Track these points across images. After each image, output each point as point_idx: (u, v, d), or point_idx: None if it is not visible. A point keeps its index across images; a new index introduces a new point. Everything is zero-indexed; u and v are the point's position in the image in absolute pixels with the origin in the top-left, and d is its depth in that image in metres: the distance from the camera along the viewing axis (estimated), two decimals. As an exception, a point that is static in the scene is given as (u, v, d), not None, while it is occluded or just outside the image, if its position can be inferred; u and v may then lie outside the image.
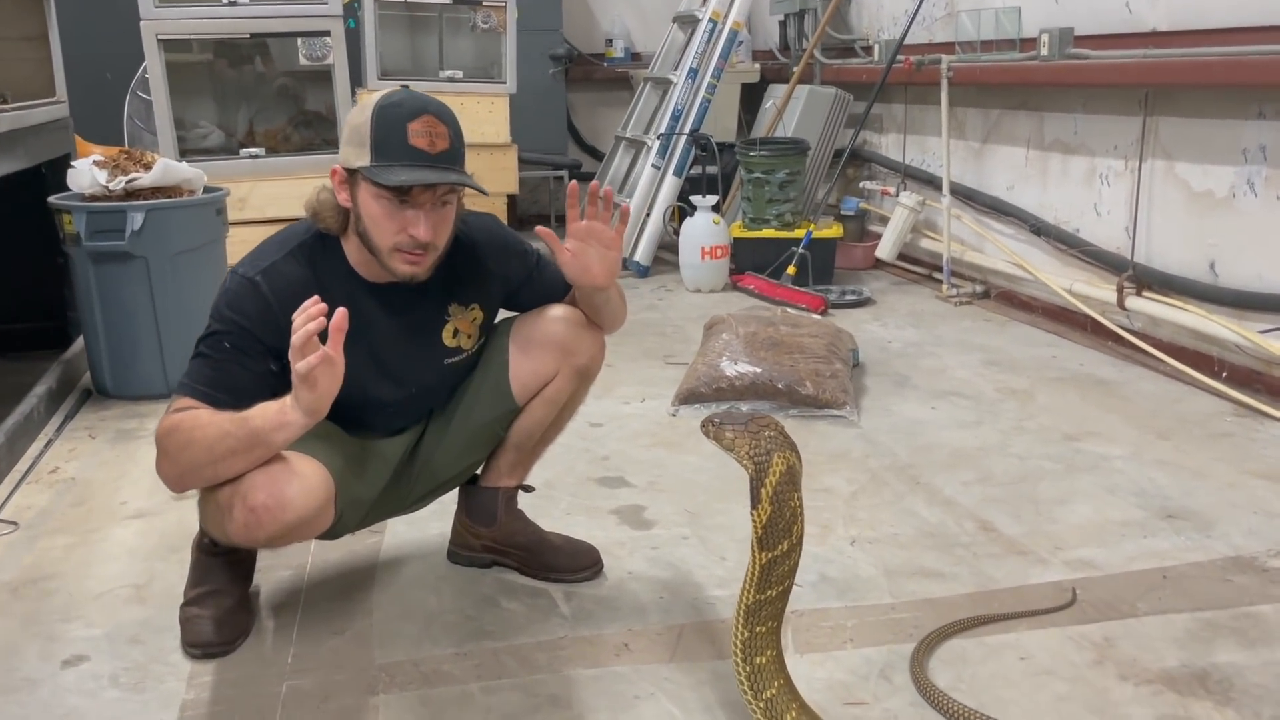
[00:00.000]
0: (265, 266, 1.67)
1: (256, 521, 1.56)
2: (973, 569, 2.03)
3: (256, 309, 1.63)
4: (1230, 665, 1.69)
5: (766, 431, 1.38)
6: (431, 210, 1.63)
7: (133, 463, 2.65)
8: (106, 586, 2.01)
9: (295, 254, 1.70)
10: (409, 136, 1.58)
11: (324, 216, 1.69)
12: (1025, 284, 4.04)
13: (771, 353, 2.99)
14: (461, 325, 1.84)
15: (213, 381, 1.62)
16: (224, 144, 4.66)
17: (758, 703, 1.42)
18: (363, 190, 1.62)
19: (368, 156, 1.59)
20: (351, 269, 1.73)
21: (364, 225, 1.65)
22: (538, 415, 1.94)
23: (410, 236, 1.62)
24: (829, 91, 4.89)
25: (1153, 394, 3.07)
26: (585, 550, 2.04)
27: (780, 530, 1.37)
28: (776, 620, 1.43)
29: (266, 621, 1.87)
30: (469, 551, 2.06)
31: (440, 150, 1.61)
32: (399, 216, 1.62)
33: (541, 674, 1.70)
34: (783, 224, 4.54)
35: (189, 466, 1.58)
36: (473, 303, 1.85)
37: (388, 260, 1.66)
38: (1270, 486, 2.39)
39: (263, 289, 1.64)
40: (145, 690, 1.67)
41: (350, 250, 1.72)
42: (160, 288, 3.08)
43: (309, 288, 1.64)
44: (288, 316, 1.59)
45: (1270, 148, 2.92)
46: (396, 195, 1.60)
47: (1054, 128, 3.84)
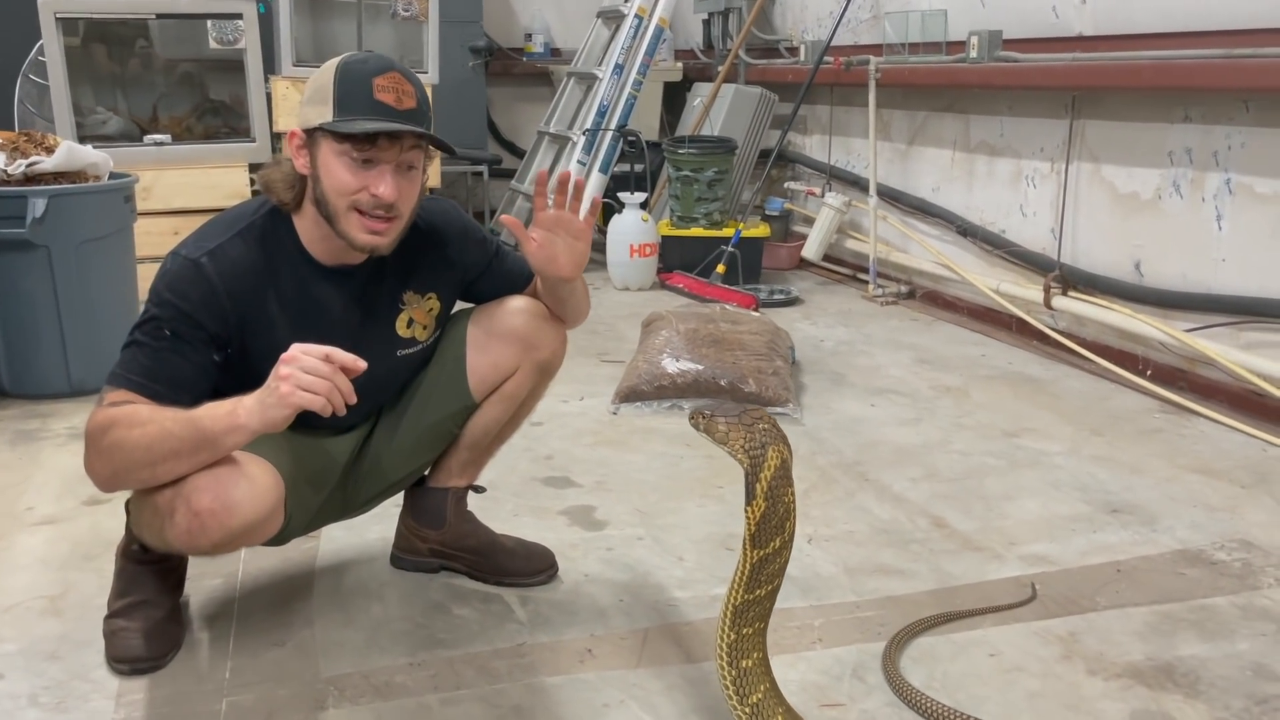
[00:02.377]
0: (211, 248, 1.54)
1: (201, 527, 1.44)
2: (931, 566, 2.01)
3: (200, 294, 1.51)
4: (1194, 658, 1.70)
5: (760, 424, 1.32)
6: (395, 172, 1.52)
7: (36, 466, 2.47)
8: (16, 599, 1.85)
9: (244, 235, 1.57)
10: (374, 91, 1.49)
11: (277, 189, 1.57)
12: (951, 284, 4.08)
13: (713, 350, 2.94)
14: (417, 315, 1.74)
15: (150, 372, 1.49)
16: (125, 131, 4.42)
17: (743, 708, 1.36)
18: (323, 149, 1.51)
19: (330, 112, 1.49)
20: (304, 250, 1.61)
21: (322, 188, 1.52)
22: (494, 413, 1.85)
23: (372, 196, 1.51)
24: (755, 91, 4.88)
25: (1081, 391, 3.12)
26: (539, 553, 1.95)
27: (774, 526, 1.32)
28: (764, 622, 1.37)
29: (199, 634, 1.74)
30: (415, 556, 1.95)
31: (407, 107, 1.51)
32: (359, 175, 1.51)
33: (503, 683, 1.61)
34: (711, 223, 4.51)
35: (124, 466, 1.45)
36: (429, 292, 1.75)
37: (345, 226, 1.53)
38: (1205, 481, 2.43)
39: (207, 271, 1.52)
40: (69, 710, 1.53)
41: (305, 227, 1.60)
42: (64, 279, 2.88)
43: (258, 271, 1.55)
44: (234, 302, 1.54)
45: (1196, 151, 2.99)
46: (359, 151, 1.49)
47: (980, 130, 3.89)
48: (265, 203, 1.61)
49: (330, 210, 1.53)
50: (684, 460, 2.55)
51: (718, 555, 2.05)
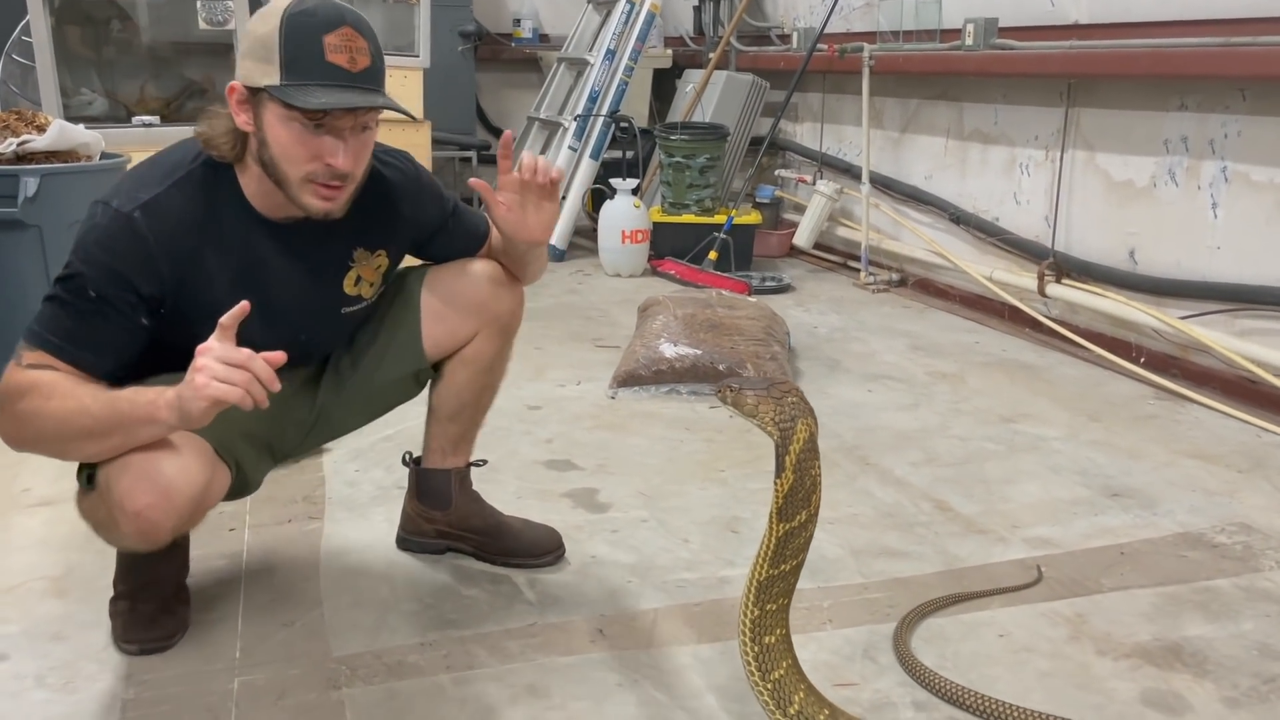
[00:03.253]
0: (146, 200, 1.41)
1: (150, 524, 1.38)
2: (936, 548, 2.02)
3: (133, 252, 1.39)
4: (1200, 638, 1.71)
5: (789, 397, 1.32)
6: (351, 136, 1.41)
7: (31, 447, 2.44)
8: (18, 579, 1.83)
9: (181, 185, 1.44)
10: (326, 51, 1.36)
11: (217, 143, 1.45)
12: (943, 271, 4.09)
13: (711, 335, 2.94)
14: (365, 273, 1.64)
15: (71, 335, 1.38)
16: (111, 112, 4.36)
17: (765, 684, 1.36)
18: (270, 112, 1.39)
19: (277, 74, 1.36)
20: (247, 203, 1.49)
21: (270, 153, 1.41)
22: (461, 379, 1.79)
23: (327, 166, 1.41)
24: (746, 78, 4.87)
25: (1076, 378, 3.14)
26: (546, 534, 1.93)
27: (800, 500, 1.32)
28: (787, 598, 1.37)
29: (205, 614, 1.72)
30: (421, 538, 1.93)
31: (362, 68, 1.39)
32: (313, 143, 1.40)
33: (515, 663, 1.60)
34: (702, 209, 4.50)
35: (34, 435, 1.36)
36: (380, 248, 1.65)
37: (298, 193, 1.43)
38: (1202, 466, 2.45)
39: (141, 227, 1.39)
40: (77, 690, 1.51)
41: (248, 181, 1.48)
42: (56, 259, 2.81)
43: (197, 225, 1.44)
44: (170, 261, 1.42)
45: (1191, 139, 3.01)
46: (310, 119, 1.38)
47: (974, 118, 3.90)
48: (200, 150, 1.48)
49: (280, 177, 1.43)
50: (684, 444, 2.54)
51: (723, 537, 2.05)
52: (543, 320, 3.68)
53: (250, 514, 2.09)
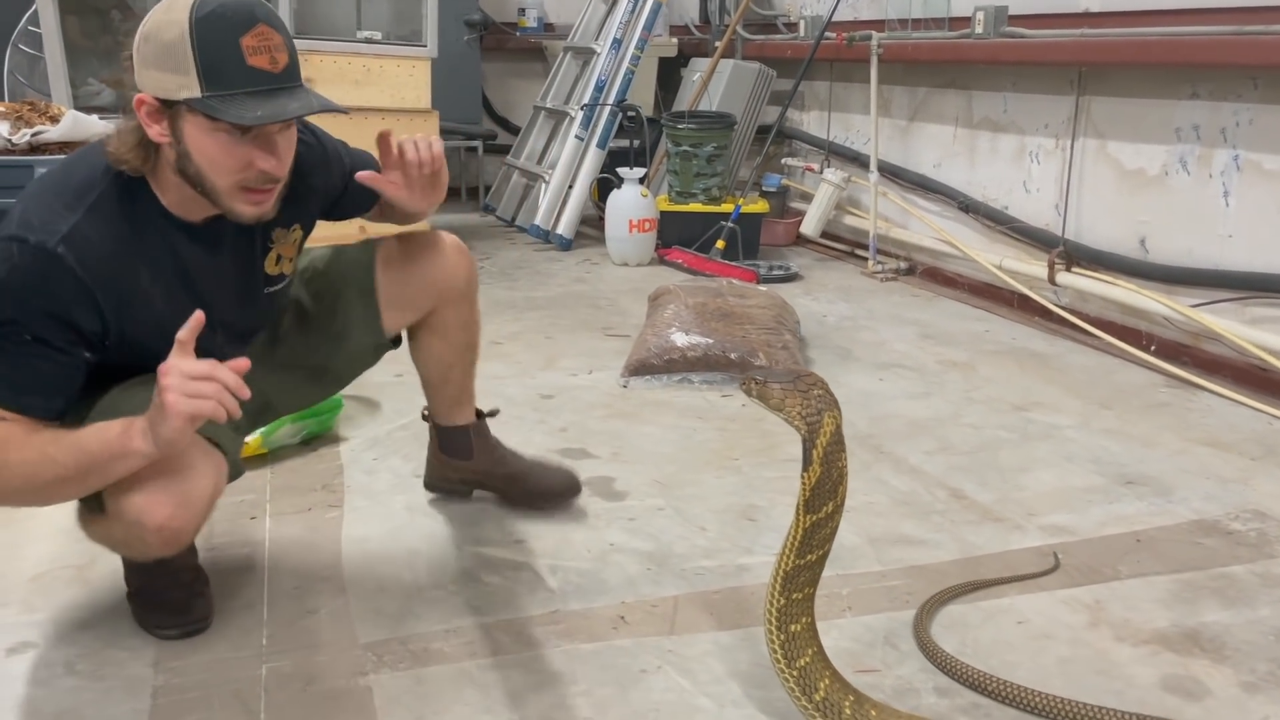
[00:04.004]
0: (65, 232, 1.34)
1: (174, 533, 1.39)
2: (953, 536, 2.03)
3: (64, 289, 1.34)
4: (1218, 624, 1.72)
5: (815, 390, 1.33)
6: (279, 137, 1.39)
7: (49, 437, 2.45)
8: (42, 568, 1.84)
9: (98, 207, 1.38)
10: (246, 56, 1.31)
11: (130, 160, 1.39)
12: (951, 260, 4.10)
13: (722, 324, 2.95)
14: (284, 250, 1.64)
15: (16, 384, 1.34)
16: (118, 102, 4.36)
17: (790, 671, 1.37)
18: (191, 125, 1.33)
19: (196, 85, 1.30)
20: (166, 211, 1.44)
21: (195, 166, 1.36)
22: (439, 348, 1.89)
23: (261, 172, 1.38)
24: (753, 66, 4.87)
25: (1086, 366, 3.15)
26: (565, 477, 2.07)
27: (826, 492, 1.33)
28: (813, 587, 1.38)
29: (230, 601, 1.73)
30: (447, 484, 2.06)
31: (284, 66, 1.35)
32: (241, 151, 1.36)
33: (539, 650, 1.61)
34: (709, 198, 4.50)
35: (3, 490, 1.34)
36: (294, 223, 1.64)
37: (229, 202, 1.40)
38: (1215, 454, 2.46)
39: (68, 262, 1.33)
40: (106, 677, 1.53)
41: (164, 191, 1.43)
42: None
43: (123, 248, 1.39)
44: (104, 290, 1.36)
45: (1203, 127, 3.01)
46: (238, 128, 1.34)
47: (983, 106, 3.90)
48: (108, 165, 1.41)
49: (208, 188, 1.39)
50: (697, 433, 2.55)
51: (740, 526, 2.06)
52: (552, 309, 3.69)
53: (271, 502, 2.11)
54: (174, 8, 1.32)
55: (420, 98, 4.39)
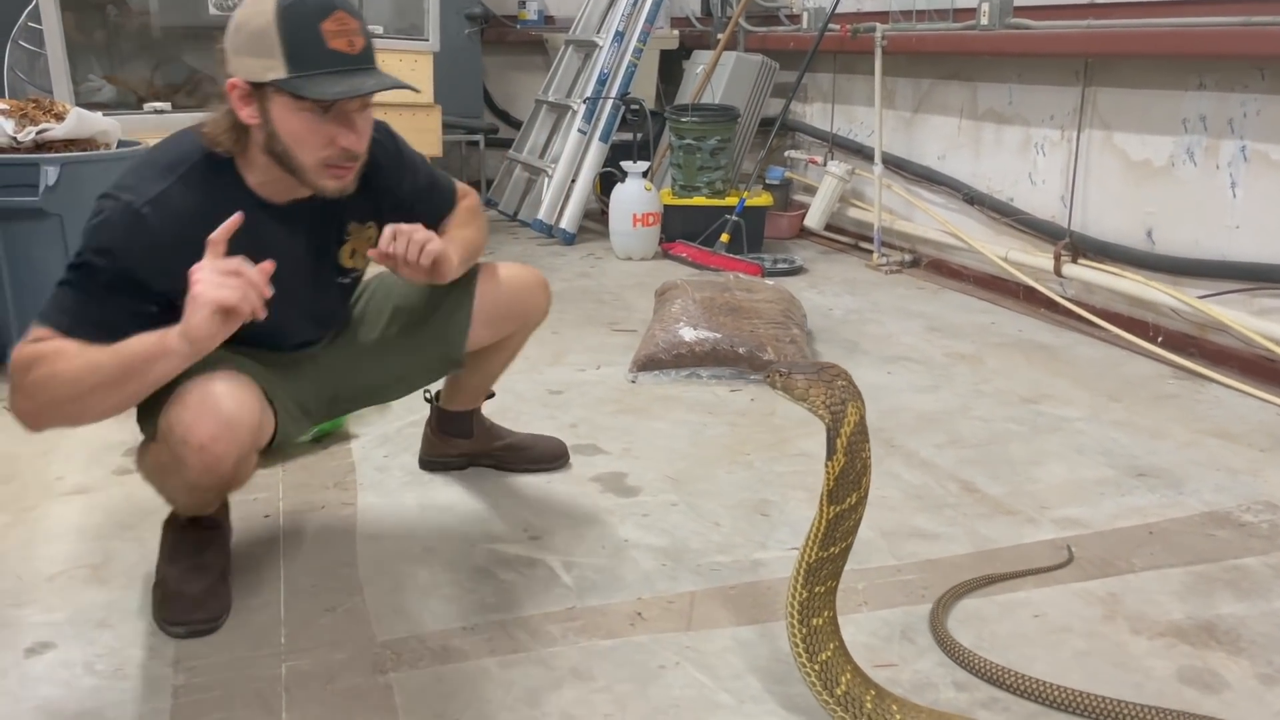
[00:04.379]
0: (154, 195, 1.45)
1: (215, 456, 1.44)
2: (967, 529, 2.03)
3: (142, 245, 1.43)
4: (1233, 616, 1.73)
5: (839, 381, 1.34)
6: (358, 116, 1.49)
7: (59, 436, 2.43)
8: (58, 567, 1.84)
9: (186, 179, 1.48)
10: (326, 40, 1.41)
11: (223, 142, 1.50)
12: (956, 252, 4.09)
13: (730, 318, 2.95)
14: (359, 245, 1.73)
15: (79, 316, 1.42)
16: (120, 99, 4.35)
17: (812, 665, 1.37)
18: (277, 105, 1.44)
19: (282, 68, 1.41)
20: (251, 191, 1.54)
21: (282, 144, 1.47)
22: (492, 361, 2.05)
23: (342, 149, 1.48)
24: (756, 59, 4.86)
25: (1094, 358, 3.15)
26: (555, 445, 2.26)
27: (850, 482, 1.33)
28: (835, 580, 1.39)
29: (248, 599, 1.74)
30: (444, 459, 2.19)
31: (360, 49, 1.45)
32: (324, 129, 1.46)
33: (557, 646, 1.62)
34: (713, 192, 4.50)
35: (49, 402, 1.39)
36: (370, 220, 1.73)
37: (314, 178, 1.51)
38: (1225, 445, 2.46)
39: (150, 221, 1.44)
40: (127, 677, 1.53)
41: (251, 171, 1.54)
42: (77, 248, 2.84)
43: (204, 218, 1.43)
44: (179, 254, 1.40)
45: (1210, 118, 3.01)
46: (321, 106, 1.44)
47: (988, 97, 3.89)
48: (201, 145, 1.52)
49: (294, 165, 1.49)
50: (708, 428, 2.55)
51: (753, 520, 2.06)
52: (557, 304, 3.61)
53: (284, 500, 2.11)
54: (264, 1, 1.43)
55: (423, 92, 4.39)
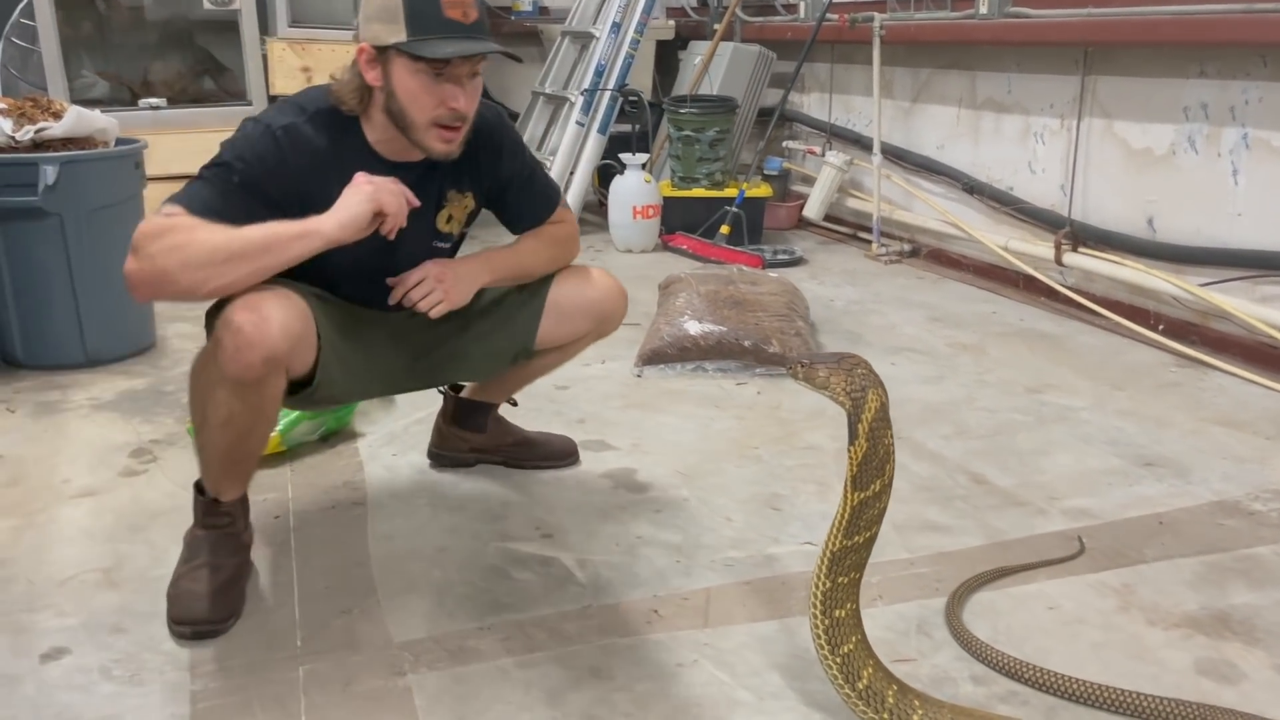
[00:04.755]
0: (287, 124, 1.63)
1: (245, 340, 1.51)
2: (978, 521, 2.04)
3: (273, 159, 1.61)
4: (1247, 606, 1.73)
5: (859, 369, 1.35)
6: (467, 81, 1.63)
7: (64, 438, 2.44)
8: (69, 571, 1.84)
9: (314, 120, 1.66)
10: (443, 9, 1.58)
11: (347, 100, 1.67)
12: (956, 242, 4.09)
13: (735, 311, 2.95)
14: (455, 212, 1.84)
15: (209, 205, 1.55)
16: (113, 95, 4.33)
17: (834, 658, 1.38)
18: (397, 66, 1.61)
19: (403, 32, 1.58)
20: (370, 146, 1.70)
21: (398, 103, 1.63)
22: (549, 360, 2.07)
23: (450, 109, 1.63)
24: (753, 49, 4.84)
25: (1096, 347, 3.15)
26: (564, 442, 2.28)
27: (874, 468, 1.34)
28: (859, 572, 1.39)
29: (261, 602, 1.73)
30: (454, 453, 2.20)
31: (473, 20, 1.61)
32: (436, 90, 1.61)
33: (575, 646, 1.62)
34: (713, 183, 4.49)
35: (180, 264, 1.50)
36: (469, 191, 1.85)
37: (424, 137, 1.65)
38: (1230, 433, 2.47)
39: (282, 143, 1.62)
40: (144, 682, 1.52)
41: (372, 129, 1.70)
42: (76, 247, 2.83)
43: (324, 156, 1.64)
44: (298, 178, 1.62)
45: (1212, 106, 3.01)
46: (433, 69, 1.59)
47: (987, 87, 3.89)
48: (329, 100, 1.68)
49: (408, 123, 1.64)
50: (715, 421, 2.55)
51: (765, 515, 2.06)
52: (560, 298, 3.67)
53: (294, 500, 2.10)
54: None
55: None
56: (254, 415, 1.62)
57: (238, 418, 1.60)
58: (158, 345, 3.11)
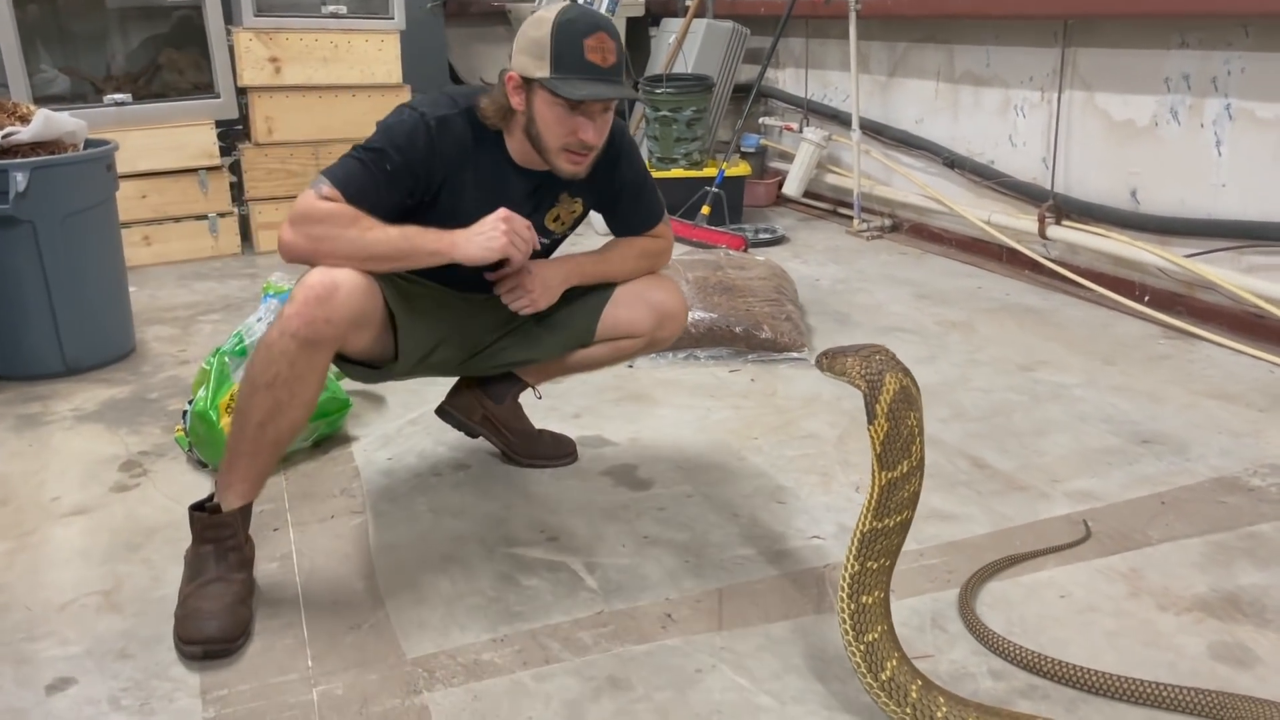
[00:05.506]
0: (442, 115, 1.77)
1: (315, 296, 1.64)
2: (983, 508, 2.04)
3: (424, 147, 1.74)
4: (1255, 586, 1.74)
5: (877, 355, 1.39)
6: (599, 116, 1.77)
7: (50, 452, 2.39)
8: (68, 596, 1.80)
9: (467, 115, 1.80)
10: (585, 52, 1.71)
11: (490, 117, 1.81)
12: (937, 216, 4.09)
13: (724, 298, 2.93)
14: (563, 213, 1.97)
15: (361, 190, 1.70)
16: (76, 90, 4.22)
17: (858, 644, 1.37)
18: (539, 97, 1.75)
19: (547, 68, 1.72)
20: (505, 150, 1.85)
21: (536, 128, 1.78)
22: (600, 353, 2.08)
23: (580, 140, 1.77)
24: (726, 25, 4.79)
25: (1083, 320, 3.16)
26: (565, 440, 2.30)
27: (899, 448, 1.34)
28: (890, 559, 1.39)
29: (268, 621, 1.70)
30: (464, 415, 2.21)
31: (611, 64, 1.74)
32: (570, 121, 1.75)
33: (591, 655, 1.60)
34: (691, 163, 4.46)
35: (330, 251, 1.68)
36: (578, 195, 1.96)
37: (555, 159, 1.79)
38: (1224, 406, 2.48)
39: (433, 133, 1.75)
40: (155, 711, 1.49)
41: (511, 141, 1.84)
42: (50, 254, 2.76)
43: (467, 149, 1.80)
44: (443, 164, 1.78)
45: (1194, 76, 3.00)
46: (569, 104, 1.73)
47: (965, 60, 3.87)
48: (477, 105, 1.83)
49: (542, 146, 1.79)
50: (712, 412, 2.54)
51: (770, 510, 2.05)
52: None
53: (291, 512, 2.07)
54: (546, 15, 1.74)
55: (390, 72, 4.30)
56: (296, 383, 1.67)
57: (282, 384, 1.66)
58: (138, 350, 3.05)
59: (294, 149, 4.16)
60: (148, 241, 4.01)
